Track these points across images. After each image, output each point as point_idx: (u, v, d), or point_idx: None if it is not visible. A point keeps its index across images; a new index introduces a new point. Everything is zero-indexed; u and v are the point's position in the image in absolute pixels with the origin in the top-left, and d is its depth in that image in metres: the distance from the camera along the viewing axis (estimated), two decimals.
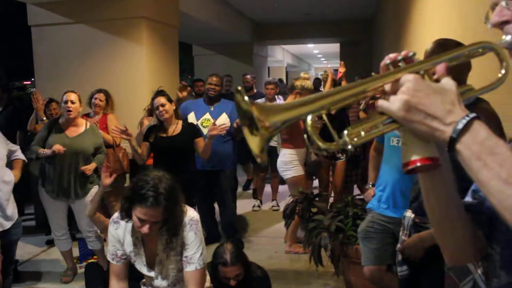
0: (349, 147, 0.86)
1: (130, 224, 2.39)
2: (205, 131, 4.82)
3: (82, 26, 5.97)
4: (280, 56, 18.18)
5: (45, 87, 5.77)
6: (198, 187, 4.97)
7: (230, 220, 5.16)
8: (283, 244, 4.91)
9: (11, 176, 3.79)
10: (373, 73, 0.92)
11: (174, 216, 2.30)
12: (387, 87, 0.87)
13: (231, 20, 10.23)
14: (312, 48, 18.99)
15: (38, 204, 5.89)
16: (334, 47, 14.46)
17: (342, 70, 5.36)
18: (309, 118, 0.84)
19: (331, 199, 5.20)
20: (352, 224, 3.64)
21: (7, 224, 3.68)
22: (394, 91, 0.85)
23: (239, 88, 0.83)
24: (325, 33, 12.56)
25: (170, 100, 4.16)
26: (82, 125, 4.19)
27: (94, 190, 4.04)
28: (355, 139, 0.86)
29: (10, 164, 3.86)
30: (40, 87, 6.09)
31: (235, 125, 4.74)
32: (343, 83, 5.51)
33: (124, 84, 5.78)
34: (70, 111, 4.02)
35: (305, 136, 0.86)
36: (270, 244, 5.14)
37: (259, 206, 6.63)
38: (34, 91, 5.41)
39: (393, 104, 0.83)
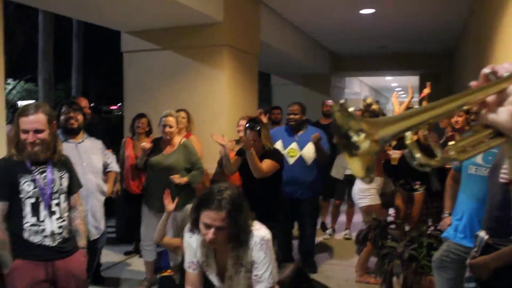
0: (455, 163, 0.88)
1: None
2: (291, 160, 4.92)
3: (169, 52, 6.35)
4: (358, 88, 18.10)
5: (133, 108, 6.16)
6: (281, 211, 5.06)
7: (308, 247, 5.21)
8: (354, 273, 4.85)
9: (105, 188, 4.10)
10: (471, 83, 0.88)
11: (238, 224, 2.31)
12: (490, 98, 0.82)
13: (310, 51, 10.39)
14: (390, 81, 18.78)
15: (120, 217, 6.25)
16: (412, 80, 14.18)
17: (426, 91, 5.28)
18: (408, 132, 0.81)
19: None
20: (427, 254, 3.57)
21: (97, 234, 3.96)
22: (498, 102, 0.81)
23: (342, 101, 0.81)
24: (403, 65, 12.40)
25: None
26: (177, 143, 4.44)
27: (189, 206, 4.22)
28: (460, 154, 0.84)
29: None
30: (129, 108, 6.51)
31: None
32: (424, 103, 5.41)
33: (205, 108, 6.04)
34: (167, 134, 4.35)
35: (406, 151, 0.83)
36: (340, 272, 5.10)
37: (330, 235, 6.59)
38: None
39: (501, 115, 0.80)
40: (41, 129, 2.67)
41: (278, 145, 4.97)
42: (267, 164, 4.26)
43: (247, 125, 4.34)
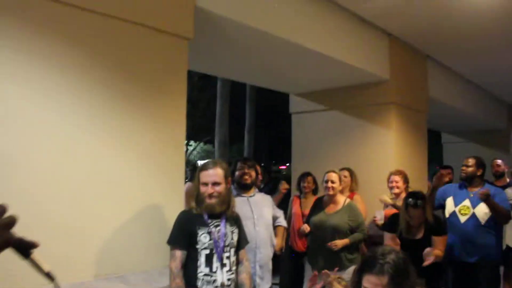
0: None
1: None
2: (462, 219, 4.50)
3: (334, 112, 6.49)
4: None
5: (300, 167, 6.36)
6: (450, 278, 4.66)
7: None
8: None
9: (275, 241, 4.22)
10: None
11: None
12: None
13: (484, 105, 9.70)
14: None
15: (284, 275, 6.31)
16: None
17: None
18: None
19: None
20: None
21: (264, 285, 4.05)
22: None
23: None
24: None
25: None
26: (341, 202, 4.44)
27: (351, 269, 4.14)
28: None
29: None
30: (296, 167, 6.73)
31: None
32: None
33: (371, 167, 5.98)
34: (329, 190, 4.37)
35: None
36: None
37: None
38: None
39: None
40: (218, 182, 2.91)
41: (449, 201, 4.64)
42: (440, 243, 3.94)
43: (409, 200, 3.99)
